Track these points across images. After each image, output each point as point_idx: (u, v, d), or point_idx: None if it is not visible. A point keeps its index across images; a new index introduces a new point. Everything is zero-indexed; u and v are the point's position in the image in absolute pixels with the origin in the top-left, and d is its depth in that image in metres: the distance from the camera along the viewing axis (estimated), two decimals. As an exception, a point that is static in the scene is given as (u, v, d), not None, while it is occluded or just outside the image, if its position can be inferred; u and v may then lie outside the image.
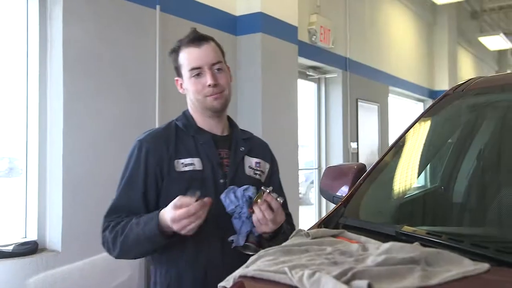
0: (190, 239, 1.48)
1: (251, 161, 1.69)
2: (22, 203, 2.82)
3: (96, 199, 2.88)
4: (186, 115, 1.69)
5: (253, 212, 1.48)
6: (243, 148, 1.68)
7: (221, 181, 1.59)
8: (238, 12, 4.20)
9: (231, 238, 1.54)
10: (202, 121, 1.66)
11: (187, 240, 1.50)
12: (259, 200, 1.48)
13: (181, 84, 1.67)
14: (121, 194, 1.59)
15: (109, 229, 1.53)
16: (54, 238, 2.77)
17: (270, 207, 1.46)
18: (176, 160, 1.57)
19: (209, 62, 1.59)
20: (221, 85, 1.60)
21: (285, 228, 1.57)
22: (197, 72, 1.58)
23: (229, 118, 1.77)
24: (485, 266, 1.00)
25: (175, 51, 1.65)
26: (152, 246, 1.51)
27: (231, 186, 1.56)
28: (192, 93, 1.62)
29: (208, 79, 1.57)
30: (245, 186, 1.55)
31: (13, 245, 2.64)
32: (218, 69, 1.61)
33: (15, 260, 2.56)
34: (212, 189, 1.56)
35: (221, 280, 1.14)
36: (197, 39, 1.60)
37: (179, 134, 1.63)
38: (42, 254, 2.68)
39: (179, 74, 1.66)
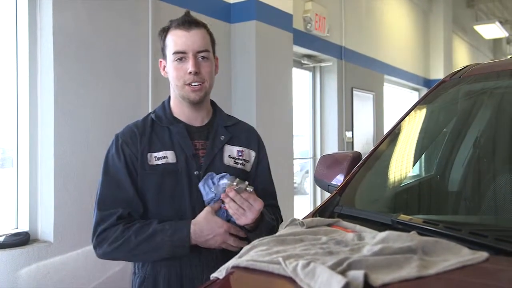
0: None
1: (232, 150, 1.63)
2: (14, 194, 2.79)
3: (88, 189, 2.84)
4: (164, 105, 1.66)
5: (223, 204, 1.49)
6: (223, 136, 1.63)
7: (196, 172, 1.55)
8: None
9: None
10: (179, 110, 1.63)
11: None
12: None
13: (164, 66, 1.64)
14: (108, 185, 1.55)
15: (120, 230, 1.48)
16: (46, 228, 2.73)
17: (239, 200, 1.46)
18: (149, 154, 1.55)
19: (195, 49, 1.53)
20: (202, 75, 1.55)
21: (268, 218, 1.55)
22: (180, 56, 1.54)
23: (213, 104, 1.72)
24: (483, 255, 0.97)
25: (164, 31, 1.61)
26: (169, 255, 1.49)
27: (209, 173, 1.53)
28: (172, 78, 1.58)
29: (189, 66, 1.52)
30: (222, 174, 1.52)
31: (4, 236, 2.60)
32: (203, 58, 1.55)
33: (6, 251, 2.52)
34: (185, 181, 1.54)
35: (196, 276, 1.12)
36: (187, 22, 1.55)
37: (155, 126, 1.61)
38: (34, 245, 2.65)
39: (164, 55, 1.62)
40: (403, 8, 8.47)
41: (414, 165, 1.81)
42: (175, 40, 1.55)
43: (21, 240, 2.62)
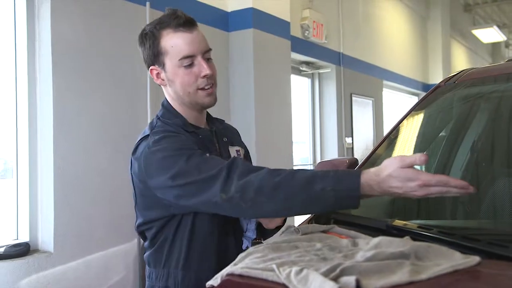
0: (195, 240, 1.39)
1: (233, 151, 1.59)
2: (14, 205, 2.80)
3: (88, 199, 2.86)
4: (171, 112, 1.48)
5: None
6: (225, 138, 1.58)
7: None
8: (229, 8, 4.18)
9: (245, 245, 1.46)
10: (188, 115, 1.49)
11: (191, 241, 1.39)
12: None
13: (157, 73, 1.45)
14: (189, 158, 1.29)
15: (266, 171, 1.18)
16: (46, 239, 2.74)
17: None
18: None
19: (202, 50, 1.41)
20: (214, 77, 1.44)
21: None
22: (189, 61, 1.39)
23: None
24: (475, 259, 0.98)
25: (153, 35, 1.42)
26: (332, 208, 1.19)
27: None
28: (180, 85, 1.42)
29: (204, 69, 1.39)
30: None
31: (4, 247, 2.61)
32: (208, 59, 1.44)
33: (6, 262, 2.53)
34: None
35: None
36: (188, 22, 1.41)
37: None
38: (34, 256, 2.65)
39: (156, 61, 1.43)
40: (401, 14, 8.51)
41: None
42: (179, 44, 1.39)
43: (21, 250, 2.62)
